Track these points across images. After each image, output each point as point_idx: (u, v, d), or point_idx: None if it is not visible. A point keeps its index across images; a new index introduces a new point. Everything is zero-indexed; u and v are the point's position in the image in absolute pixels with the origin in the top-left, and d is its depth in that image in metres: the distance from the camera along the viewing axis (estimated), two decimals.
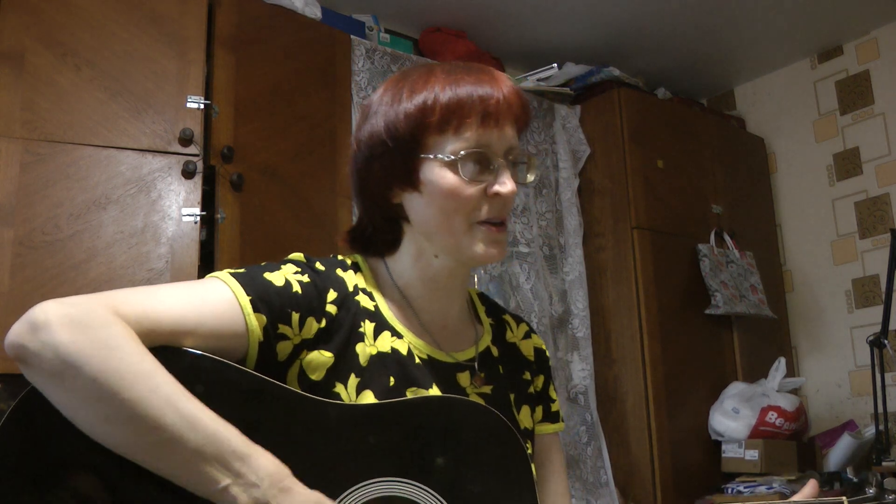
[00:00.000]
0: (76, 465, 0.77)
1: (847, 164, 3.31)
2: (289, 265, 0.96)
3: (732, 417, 2.76)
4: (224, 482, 0.76)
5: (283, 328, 0.90)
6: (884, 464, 2.40)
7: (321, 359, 0.92)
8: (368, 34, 2.75)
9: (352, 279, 0.99)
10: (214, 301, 0.87)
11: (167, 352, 0.81)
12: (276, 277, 0.92)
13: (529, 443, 1.07)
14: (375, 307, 0.99)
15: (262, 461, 0.79)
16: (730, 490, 2.68)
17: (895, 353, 2.78)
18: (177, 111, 2.05)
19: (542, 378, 1.14)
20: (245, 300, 0.88)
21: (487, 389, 1.03)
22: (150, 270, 1.94)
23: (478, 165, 0.94)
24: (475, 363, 1.04)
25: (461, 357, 1.03)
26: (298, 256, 0.99)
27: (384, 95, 0.99)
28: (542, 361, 1.15)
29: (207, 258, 2.02)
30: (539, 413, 1.12)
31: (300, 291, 0.92)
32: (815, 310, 3.35)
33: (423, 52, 3.05)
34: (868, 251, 3.21)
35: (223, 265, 2.00)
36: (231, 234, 2.07)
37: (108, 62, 2.01)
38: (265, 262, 0.96)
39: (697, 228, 3.08)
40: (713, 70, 3.60)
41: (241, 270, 0.92)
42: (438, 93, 0.94)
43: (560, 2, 2.97)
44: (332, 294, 0.95)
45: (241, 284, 0.89)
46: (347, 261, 1.03)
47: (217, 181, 2.08)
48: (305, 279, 0.94)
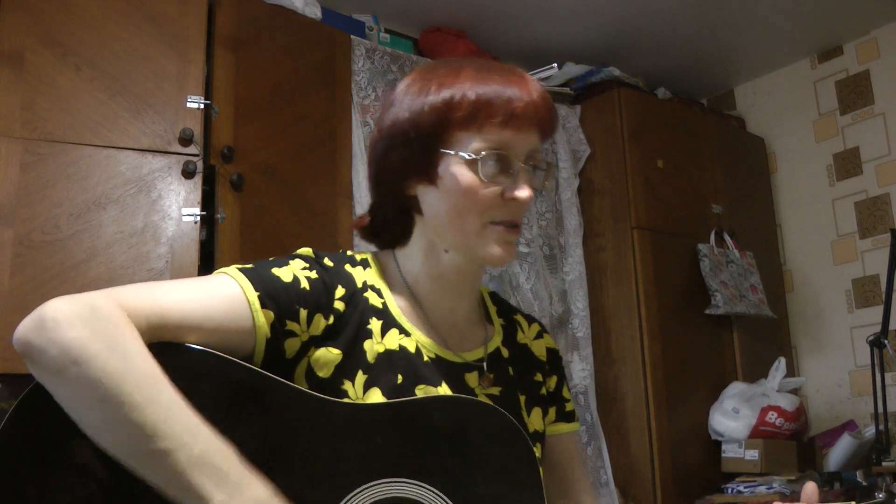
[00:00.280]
0: (77, 466, 0.77)
1: (847, 164, 3.31)
2: (297, 260, 0.95)
3: (732, 417, 2.76)
4: (213, 501, 0.75)
5: (291, 325, 0.89)
6: (884, 464, 2.39)
7: (329, 356, 0.91)
8: (368, 34, 2.75)
9: (360, 275, 0.98)
10: (222, 297, 0.86)
11: (173, 348, 0.81)
12: (285, 273, 0.91)
13: (539, 445, 1.05)
14: (384, 304, 0.98)
15: (256, 490, 0.77)
16: (730, 490, 2.67)
17: (895, 353, 2.78)
18: (177, 111, 2.05)
19: (555, 378, 1.12)
20: (253, 296, 0.87)
21: (496, 391, 1.02)
22: (150, 270, 1.94)
23: (497, 166, 0.93)
24: (484, 364, 1.03)
25: (469, 357, 1.02)
26: (307, 251, 0.98)
27: (412, 85, 0.97)
28: (555, 362, 1.14)
29: (207, 258, 2.02)
30: (552, 414, 1.10)
31: (308, 288, 0.91)
32: (815, 310, 3.35)
33: (423, 52, 3.05)
34: (868, 251, 3.21)
35: (223, 265, 1.96)
36: (231, 234, 2.07)
37: (108, 62, 2.01)
38: (273, 258, 0.95)
39: (697, 228, 3.08)
40: (713, 70, 3.60)
41: (249, 266, 0.91)
42: (467, 89, 0.92)
43: (560, 2, 2.97)
44: (341, 290, 0.94)
45: (250, 280, 0.88)
46: (356, 256, 1.02)
47: (217, 181, 2.08)
48: (314, 275, 0.93)
